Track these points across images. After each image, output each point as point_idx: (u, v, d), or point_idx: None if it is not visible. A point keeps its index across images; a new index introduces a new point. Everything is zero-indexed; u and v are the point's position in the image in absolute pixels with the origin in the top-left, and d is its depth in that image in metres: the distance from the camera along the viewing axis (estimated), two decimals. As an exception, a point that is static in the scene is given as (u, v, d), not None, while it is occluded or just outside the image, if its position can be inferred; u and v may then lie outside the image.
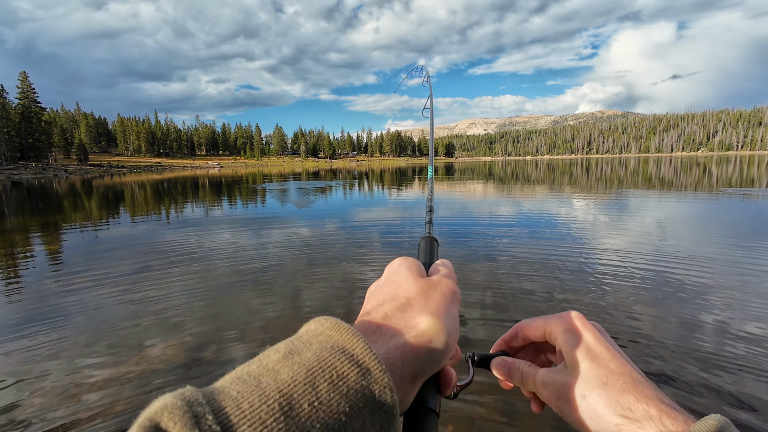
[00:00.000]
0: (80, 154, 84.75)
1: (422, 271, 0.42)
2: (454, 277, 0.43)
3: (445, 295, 0.38)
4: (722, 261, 5.49)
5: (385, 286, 0.40)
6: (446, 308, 0.37)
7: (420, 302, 0.36)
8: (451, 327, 0.36)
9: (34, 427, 2.40)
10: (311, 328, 0.32)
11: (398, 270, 0.41)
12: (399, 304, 0.36)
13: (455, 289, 0.40)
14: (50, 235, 9.02)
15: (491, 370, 0.43)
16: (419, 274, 0.40)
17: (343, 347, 0.28)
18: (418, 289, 0.37)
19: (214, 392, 0.25)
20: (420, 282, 0.39)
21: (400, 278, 0.39)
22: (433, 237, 0.55)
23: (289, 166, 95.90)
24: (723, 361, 2.94)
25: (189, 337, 3.54)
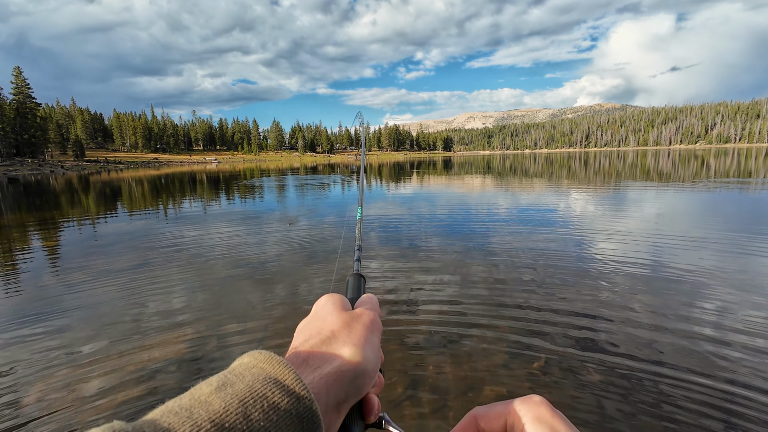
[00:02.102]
0: (76, 150, 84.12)
1: (347, 306, 0.45)
2: (377, 309, 0.47)
3: (366, 326, 0.41)
4: (718, 250, 5.53)
5: (312, 322, 0.42)
6: (367, 338, 0.39)
7: (343, 334, 0.38)
8: (372, 356, 0.38)
9: (35, 421, 2.42)
10: (244, 361, 0.33)
11: (324, 306, 0.44)
12: (324, 337, 0.38)
13: (376, 320, 0.43)
14: (48, 231, 9.00)
15: None
16: (343, 308, 0.43)
17: (274, 378, 0.30)
18: (341, 322, 0.40)
19: (144, 425, 0.24)
20: (343, 315, 0.41)
21: (326, 313, 0.42)
22: (360, 274, 0.58)
23: (287, 161, 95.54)
24: (720, 354, 2.98)
25: (189, 331, 3.57)
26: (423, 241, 6.75)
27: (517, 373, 2.78)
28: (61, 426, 2.37)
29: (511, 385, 2.64)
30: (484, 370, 2.82)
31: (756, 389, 2.51)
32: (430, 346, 3.20)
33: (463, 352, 3.09)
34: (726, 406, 2.38)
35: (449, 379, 2.74)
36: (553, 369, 2.82)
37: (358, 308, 0.45)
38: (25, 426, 2.38)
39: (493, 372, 2.80)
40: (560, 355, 2.99)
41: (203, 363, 3.03)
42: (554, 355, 2.99)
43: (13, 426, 2.38)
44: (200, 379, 2.52)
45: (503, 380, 2.70)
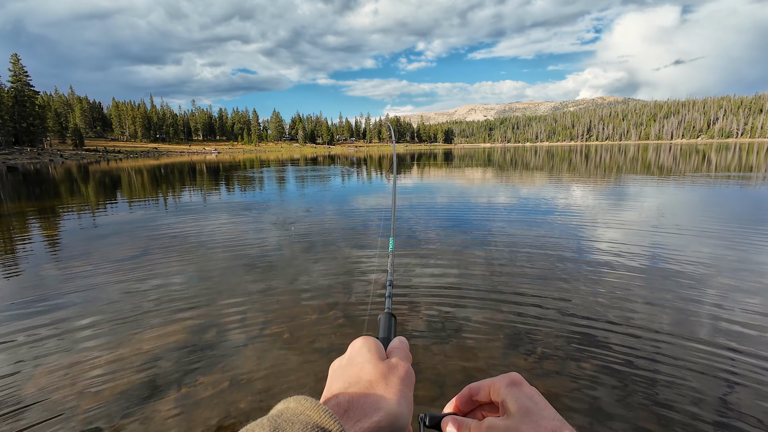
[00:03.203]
0: (75, 138, 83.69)
1: (381, 352, 0.46)
2: (409, 357, 0.48)
3: (402, 379, 0.42)
4: (717, 243, 5.54)
5: (348, 367, 0.44)
6: (403, 392, 0.41)
7: (381, 386, 0.40)
8: (407, 410, 0.40)
9: (35, 408, 2.45)
10: (290, 406, 0.35)
11: (360, 351, 0.46)
12: (363, 387, 0.40)
13: (410, 372, 0.44)
14: (48, 220, 9.00)
15: (442, 429, 0.46)
16: (379, 356, 0.45)
17: (321, 427, 0.32)
18: (379, 373, 0.42)
19: None
20: (380, 366, 0.43)
21: (363, 360, 0.44)
22: (391, 313, 0.59)
23: (287, 152, 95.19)
24: (716, 347, 3.00)
25: (190, 320, 3.59)
26: (422, 233, 6.76)
27: (514, 364, 2.80)
28: (62, 412, 2.40)
29: (508, 376, 2.67)
30: (482, 361, 2.85)
31: (751, 382, 2.54)
32: (428, 337, 3.22)
33: (461, 342, 3.11)
34: (720, 398, 2.40)
35: (446, 370, 2.76)
36: (550, 360, 2.84)
37: (393, 357, 0.46)
38: (25, 412, 2.41)
39: (490, 363, 2.83)
40: (558, 346, 3.02)
41: (203, 351, 3.06)
42: (552, 346, 3.01)
43: (14, 412, 2.41)
44: (198, 372, 2.54)
45: (501, 371, 2.73)
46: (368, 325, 3.30)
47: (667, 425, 2.19)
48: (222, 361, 2.91)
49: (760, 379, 2.56)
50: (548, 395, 2.47)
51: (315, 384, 2.62)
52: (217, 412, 2.36)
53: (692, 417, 2.24)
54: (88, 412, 2.39)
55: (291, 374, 2.73)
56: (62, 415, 2.37)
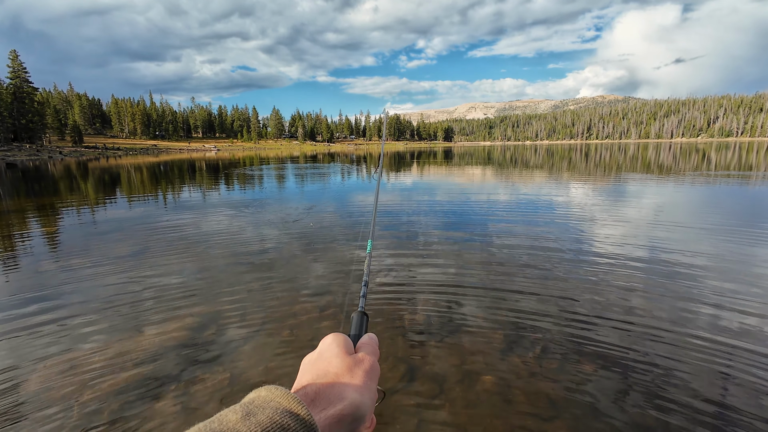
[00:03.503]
0: (75, 135, 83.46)
1: (350, 348, 0.50)
2: (376, 352, 0.52)
3: (366, 372, 0.46)
4: (716, 241, 5.55)
5: (318, 362, 0.47)
6: (366, 384, 0.45)
7: (346, 378, 0.44)
8: (369, 401, 0.44)
9: (35, 405, 2.46)
10: (262, 394, 0.38)
11: (330, 347, 0.49)
12: (329, 379, 0.43)
13: (375, 366, 0.48)
14: (47, 216, 8.99)
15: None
16: (346, 351, 0.48)
17: (291, 411, 0.35)
18: (345, 366, 0.45)
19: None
20: (347, 360, 0.47)
21: (331, 355, 0.47)
22: (364, 312, 0.61)
23: (287, 150, 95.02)
24: (715, 344, 3.01)
25: (189, 317, 3.59)
26: (422, 230, 6.76)
27: (513, 362, 2.81)
28: (61, 408, 2.41)
29: (506, 373, 2.68)
30: (481, 358, 2.86)
31: (748, 384, 2.55)
32: (428, 333, 3.23)
33: (460, 339, 3.12)
34: (719, 399, 2.41)
35: (446, 367, 2.77)
36: (549, 358, 2.85)
37: (360, 352, 0.50)
38: (25, 408, 2.42)
39: (489, 360, 2.84)
40: (557, 344, 3.03)
41: (203, 348, 3.06)
42: (551, 345, 3.02)
43: (14, 409, 2.42)
44: (198, 369, 2.55)
45: (499, 368, 2.74)
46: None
47: (666, 421, 2.20)
48: (222, 358, 2.92)
49: (757, 373, 2.57)
50: (547, 393, 2.48)
51: (314, 381, 2.62)
52: (217, 409, 2.36)
53: (691, 413, 2.25)
54: (88, 407, 2.40)
55: (291, 371, 2.74)
56: (62, 410, 2.38)
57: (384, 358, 2.90)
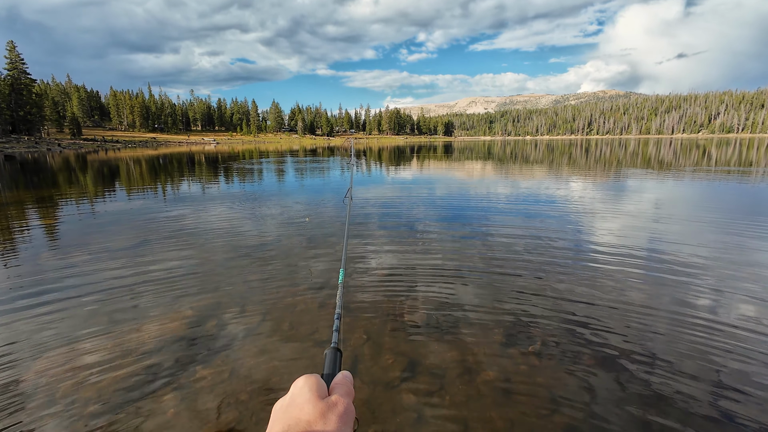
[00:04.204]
0: (73, 128, 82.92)
1: (323, 391, 0.48)
2: (351, 393, 0.50)
3: (340, 416, 0.44)
4: (715, 238, 5.56)
5: (289, 408, 0.45)
6: (340, 429, 0.43)
7: (319, 425, 0.42)
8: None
9: (36, 398, 2.46)
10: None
11: (301, 391, 0.47)
12: (301, 428, 0.42)
13: (349, 408, 0.46)
14: (46, 209, 8.97)
15: None
16: (319, 395, 0.46)
17: None
18: (317, 412, 0.44)
19: None
20: (319, 406, 0.45)
21: (303, 401, 0.45)
22: (338, 348, 0.60)
23: (287, 143, 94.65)
24: (713, 343, 3.02)
25: (189, 310, 3.60)
26: (421, 225, 6.76)
27: (512, 357, 2.82)
28: (61, 402, 2.41)
29: (506, 368, 2.69)
30: (481, 354, 2.86)
31: (747, 380, 2.56)
32: (428, 329, 3.23)
33: (460, 335, 3.13)
34: (715, 396, 2.42)
35: (446, 362, 2.78)
36: (548, 353, 2.86)
37: (334, 395, 0.47)
38: (24, 403, 2.42)
39: (489, 355, 2.84)
40: (556, 339, 3.03)
41: (202, 342, 3.07)
42: (550, 339, 3.03)
43: (13, 403, 2.42)
44: (198, 362, 2.54)
45: (499, 363, 2.74)
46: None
47: (665, 417, 2.21)
48: (222, 352, 2.93)
49: (755, 370, 2.59)
50: (547, 387, 2.48)
51: (314, 375, 2.63)
52: (218, 403, 2.38)
53: (690, 408, 2.26)
54: (88, 402, 2.41)
55: (291, 365, 2.75)
56: (62, 405, 2.38)
57: (383, 352, 2.91)
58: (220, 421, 2.24)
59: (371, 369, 2.71)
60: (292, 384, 0.48)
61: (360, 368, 2.73)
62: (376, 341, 3.05)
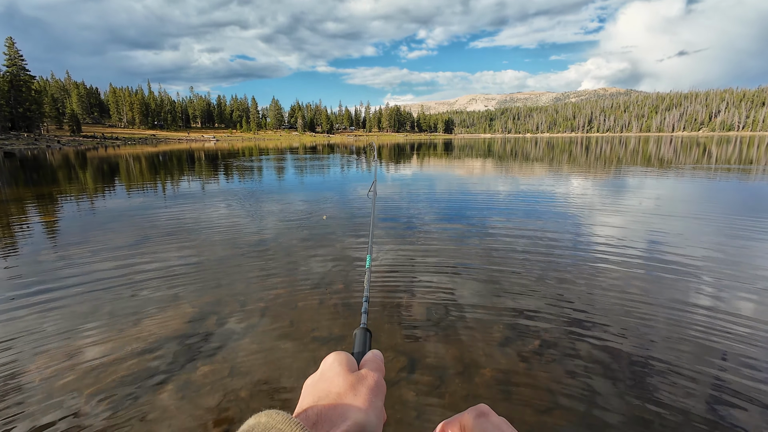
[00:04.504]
0: (73, 124, 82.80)
1: (352, 365, 0.47)
2: (381, 369, 0.49)
3: (371, 389, 0.43)
4: (714, 236, 5.56)
5: (319, 382, 0.45)
6: (371, 401, 0.42)
7: (349, 397, 0.42)
8: (375, 419, 0.42)
9: (36, 394, 2.47)
10: (262, 421, 0.36)
11: (331, 366, 0.46)
12: (332, 399, 0.41)
13: (380, 382, 0.46)
14: (46, 206, 8.96)
15: None
16: (349, 369, 0.46)
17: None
18: (347, 384, 0.43)
19: None
20: (349, 378, 0.44)
21: (333, 374, 0.45)
22: (367, 328, 0.60)
23: (286, 140, 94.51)
24: (712, 340, 3.03)
25: (189, 308, 3.60)
26: (421, 222, 6.76)
27: (511, 354, 2.83)
28: (62, 398, 2.42)
29: (505, 366, 2.69)
30: (480, 351, 2.87)
31: (743, 376, 2.57)
32: (428, 326, 3.24)
33: (460, 332, 3.13)
34: (713, 393, 2.43)
35: (446, 359, 2.79)
36: (547, 351, 2.87)
37: (364, 369, 0.47)
38: (24, 398, 2.43)
39: (488, 353, 2.85)
40: (556, 336, 3.04)
41: (203, 339, 3.07)
42: (550, 337, 3.04)
43: (13, 398, 2.43)
44: (198, 359, 2.55)
45: (498, 360, 2.75)
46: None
47: (663, 413, 2.22)
48: (222, 349, 2.93)
49: (753, 368, 2.59)
50: (546, 384, 2.49)
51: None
52: (218, 400, 2.39)
53: (687, 405, 2.27)
54: (89, 397, 2.41)
55: (292, 363, 2.75)
56: (62, 400, 2.39)
57: (384, 349, 2.92)
58: (220, 417, 2.25)
59: (371, 366, 2.72)
60: (322, 361, 0.48)
61: (360, 365, 2.73)
62: (376, 338, 3.05)
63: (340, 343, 2.99)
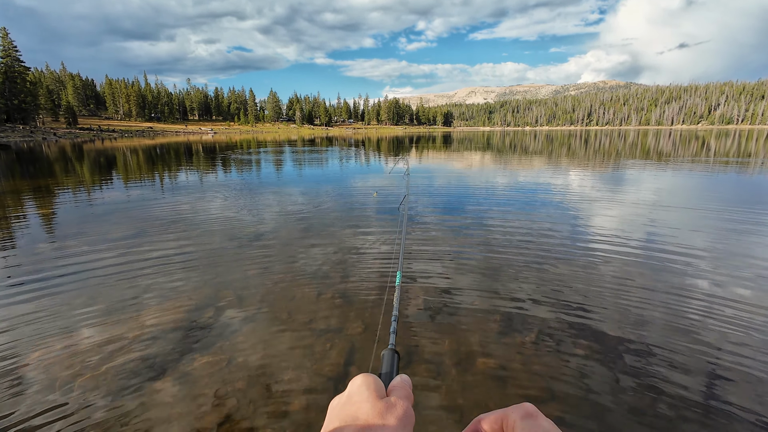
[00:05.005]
0: (69, 117, 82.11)
1: (381, 390, 0.46)
2: (410, 396, 0.47)
3: (399, 419, 0.42)
4: (712, 228, 5.58)
5: (346, 406, 0.44)
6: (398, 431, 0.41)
7: (377, 427, 0.40)
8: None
9: (35, 386, 2.48)
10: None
11: (359, 389, 0.45)
12: (359, 427, 0.40)
13: (409, 412, 0.44)
14: (43, 198, 8.92)
15: None
16: (377, 394, 0.45)
17: None
18: (376, 412, 0.42)
19: None
20: (378, 405, 0.43)
21: (361, 399, 0.44)
22: (395, 350, 0.59)
23: (285, 133, 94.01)
24: (708, 331, 3.05)
25: (187, 300, 3.60)
26: (419, 213, 6.75)
27: (508, 346, 2.85)
28: (60, 390, 2.43)
29: (502, 357, 2.71)
30: (477, 342, 2.89)
31: (739, 364, 2.59)
32: (425, 318, 3.25)
33: (457, 323, 3.15)
34: (709, 382, 2.46)
35: (442, 350, 2.80)
36: (544, 343, 2.88)
37: (393, 396, 0.46)
38: (23, 391, 2.44)
39: (485, 344, 2.87)
40: (552, 327, 3.06)
41: (201, 330, 3.08)
42: (546, 328, 3.05)
43: (12, 391, 2.44)
44: (196, 350, 2.55)
45: (495, 352, 2.77)
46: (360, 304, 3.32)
47: (659, 405, 2.24)
48: (220, 340, 2.94)
49: (746, 355, 2.62)
50: (543, 375, 2.51)
51: (312, 365, 2.65)
52: (216, 391, 2.40)
53: (683, 394, 2.30)
54: (88, 389, 2.42)
55: (289, 354, 2.76)
56: (60, 392, 2.40)
57: (378, 339, 2.93)
58: (218, 407, 2.26)
59: (370, 356, 2.73)
60: (350, 382, 0.47)
61: (358, 356, 2.75)
62: (372, 329, 3.07)
63: (337, 335, 3.00)
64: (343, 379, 2.49)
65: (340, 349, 2.82)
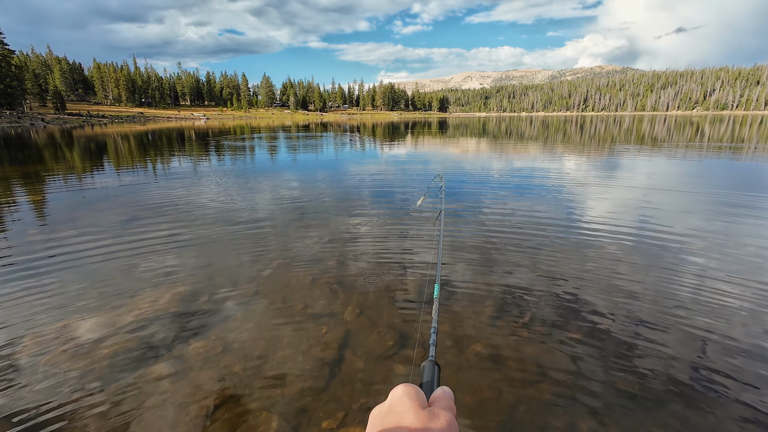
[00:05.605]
0: (57, 102, 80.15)
1: (423, 401, 0.45)
2: (453, 408, 0.46)
3: (443, 430, 0.41)
4: (699, 215, 5.64)
5: (388, 416, 0.43)
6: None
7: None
8: None
9: (29, 372, 2.47)
10: None
11: (401, 400, 0.44)
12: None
13: (453, 424, 0.43)
14: (33, 185, 8.78)
15: None
16: (420, 405, 0.43)
17: None
18: (419, 423, 0.41)
19: None
20: (421, 416, 0.42)
21: (403, 409, 0.42)
22: (435, 361, 0.58)
23: (278, 119, 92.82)
24: (698, 316, 3.10)
25: (181, 287, 3.59)
26: (414, 199, 6.74)
27: (501, 329, 2.88)
28: (55, 377, 2.43)
29: (496, 340, 2.75)
30: (471, 325, 2.92)
31: (726, 349, 2.65)
32: (419, 301, 3.28)
33: (452, 307, 3.18)
34: (699, 366, 2.51)
35: (438, 335, 2.83)
36: (537, 325, 2.92)
37: (435, 406, 0.45)
38: (17, 377, 2.43)
39: (479, 327, 2.90)
40: (545, 311, 3.10)
41: (196, 317, 3.08)
42: (539, 312, 3.09)
43: (6, 376, 2.43)
44: (191, 336, 2.54)
45: (488, 336, 2.80)
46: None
47: (649, 388, 2.29)
48: (215, 326, 2.95)
49: (734, 338, 2.68)
50: (535, 358, 2.55)
51: (308, 349, 2.67)
52: (211, 376, 2.41)
53: (672, 380, 2.35)
54: (83, 376, 2.43)
55: (284, 339, 2.78)
56: (56, 379, 2.40)
57: (377, 325, 2.95)
58: (214, 392, 2.28)
59: (365, 341, 2.75)
60: (390, 392, 0.46)
61: (353, 340, 2.77)
62: (369, 314, 3.09)
63: (332, 320, 3.02)
64: (338, 363, 2.51)
65: (335, 334, 2.84)
